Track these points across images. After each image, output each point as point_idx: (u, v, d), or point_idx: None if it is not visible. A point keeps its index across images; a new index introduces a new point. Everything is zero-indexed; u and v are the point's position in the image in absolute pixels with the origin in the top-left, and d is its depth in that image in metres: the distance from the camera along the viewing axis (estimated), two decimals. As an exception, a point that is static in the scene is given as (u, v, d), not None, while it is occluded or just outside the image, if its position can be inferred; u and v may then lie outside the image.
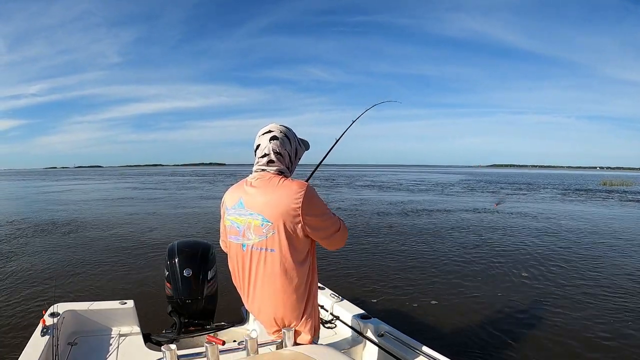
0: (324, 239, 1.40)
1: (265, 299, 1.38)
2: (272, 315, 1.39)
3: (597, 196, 19.65)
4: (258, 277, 1.37)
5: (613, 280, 5.17)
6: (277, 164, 1.39)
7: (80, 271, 5.47)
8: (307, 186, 1.32)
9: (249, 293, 1.43)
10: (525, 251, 6.81)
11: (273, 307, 1.38)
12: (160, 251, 6.34)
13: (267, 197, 1.32)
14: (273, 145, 1.39)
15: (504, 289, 4.82)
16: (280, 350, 1.36)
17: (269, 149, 1.39)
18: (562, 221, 10.48)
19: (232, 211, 1.41)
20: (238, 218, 1.38)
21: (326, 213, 1.38)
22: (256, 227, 1.33)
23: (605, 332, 3.59)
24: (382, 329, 1.99)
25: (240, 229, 1.38)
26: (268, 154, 1.39)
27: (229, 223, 1.42)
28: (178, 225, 9.64)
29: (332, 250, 1.48)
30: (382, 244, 7.33)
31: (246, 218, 1.36)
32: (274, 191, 1.32)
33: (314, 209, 1.33)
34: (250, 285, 1.41)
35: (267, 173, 1.39)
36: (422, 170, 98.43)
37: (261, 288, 1.38)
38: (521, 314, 4.04)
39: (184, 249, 2.43)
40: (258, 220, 1.32)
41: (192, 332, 2.27)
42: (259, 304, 1.41)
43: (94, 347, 1.90)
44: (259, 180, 1.37)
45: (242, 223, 1.37)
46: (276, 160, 1.39)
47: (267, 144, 1.39)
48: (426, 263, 6.00)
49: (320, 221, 1.36)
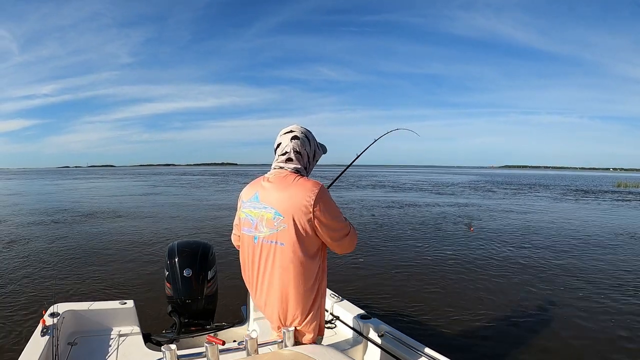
0: (333, 240, 1.42)
1: (272, 292, 1.41)
2: (277, 309, 1.41)
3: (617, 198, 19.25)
4: (267, 269, 1.40)
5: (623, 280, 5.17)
6: (295, 163, 1.44)
7: (80, 271, 5.48)
8: (321, 186, 1.37)
9: (256, 286, 1.46)
10: (528, 252, 6.81)
11: (279, 301, 1.40)
12: (160, 251, 6.34)
13: (282, 192, 1.37)
14: (294, 144, 1.45)
15: (504, 289, 4.82)
16: (280, 350, 1.36)
17: (289, 148, 1.45)
18: (575, 223, 10.48)
19: (247, 204, 1.46)
20: (252, 211, 1.43)
21: (337, 216, 1.41)
22: (268, 220, 1.37)
23: (605, 334, 3.59)
24: (382, 329, 1.98)
25: (254, 222, 1.42)
26: (288, 152, 1.44)
27: (244, 215, 1.47)
28: (179, 226, 9.64)
29: (341, 254, 1.50)
30: (382, 244, 7.33)
31: (260, 211, 1.40)
32: (289, 187, 1.37)
33: (326, 208, 1.36)
34: (259, 278, 1.44)
35: (284, 171, 1.44)
36: (432, 171, 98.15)
37: (269, 281, 1.41)
38: (521, 315, 4.03)
39: (184, 249, 2.43)
40: (271, 214, 1.37)
41: (192, 332, 2.27)
42: (265, 298, 1.44)
43: (94, 347, 1.90)
44: (276, 177, 1.42)
45: (255, 216, 1.42)
46: (295, 158, 1.44)
47: (288, 142, 1.45)
48: (426, 263, 6.00)
49: (331, 222, 1.38)
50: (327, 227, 1.37)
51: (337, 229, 1.41)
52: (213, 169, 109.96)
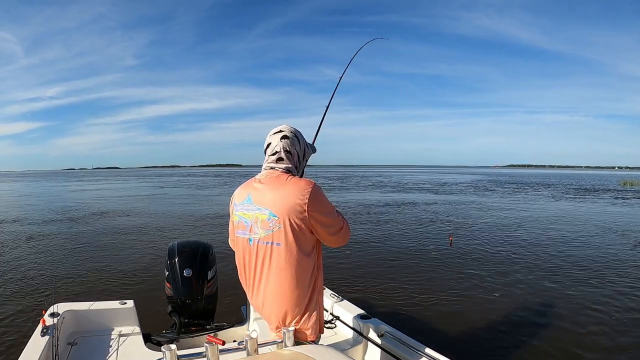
0: (328, 235, 1.43)
1: (270, 293, 1.41)
2: (275, 310, 1.41)
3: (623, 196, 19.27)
4: (264, 271, 1.40)
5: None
6: (286, 162, 1.44)
7: (80, 271, 5.48)
8: (314, 184, 1.37)
9: (253, 287, 1.46)
10: (529, 253, 6.81)
11: (277, 301, 1.40)
12: (160, 251, 6.34)
13: (275, 193, 1.37)
14: (284, 143, 1.45)
15: (505, 289, 4.81)
16: (280, 350, 1.36)
17: (279, 147, 1.44)
18: (580, 220, 10.49)
19: (240, 207, 1.45)
20: (246, 213, 1.42)
21: (331, 212, 1.41)
22: (263, 222, 1.37)
23: (603, 337, 3.59)
24: (382, 329, 1.98)
25: (248, 224, 1.41)
26: (278, 152, 1.44)
27: (237, 218, 1.46)
28: (179, 226, 9.65)
29: (334, 247, 1.51)
30: (382, 244, 7.33)
31: (254, 213, 1.40)
32: (282, 187, 1.37)
33: (320, 206, 1.37)
34: (256, 279, 1.44)
35: (275, 171, 1.43)
36: (436, 170, 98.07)
37: (266, 282, 1.41)
38: (522, 315, 4.03)
39: (184, 249, 2.43)
40: (265, 215, 1.36)
41: (192, 332, 2.27)
42: (262, 299, 1.44)
43: (94, 347, 1.90)
44: (268, 178, 1.42)
45: (249, 218, 1.41)
46: (285, 158, 1.44)
47: (277, 142, 1.45)
48: (426, 263, 5.99)
49: (325, 218, 1.39)
50: (322, 224, 1.38)
51: (331, 225, 1.41)
52: (217, 170, 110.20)
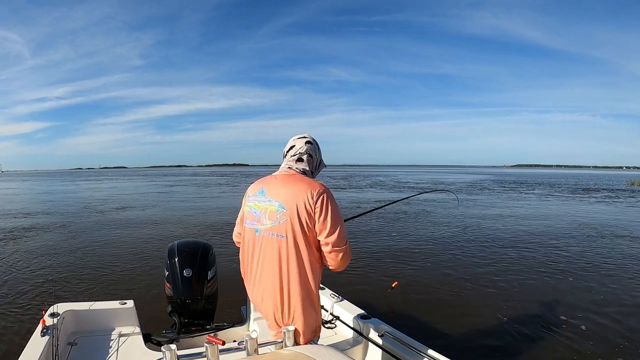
0: (329, 245, 1.40)
1: (268, 286, 1.42)
2: (273, 305, 1.42)
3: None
4: (265, 262, 1.43)
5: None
6: (304, 164, 1.53)
7: (80, 271, 5.47)
8: (326, 187, 1.43)
9: (254, 280, 1.48)
10: (529, 252, 6.81)
11: (275, 296, 1.41)
12: (160, 251, 6.34)
13: (288, 188, 1.42)
14: (307, 147, 1.55)
15: (505, 289, 4.81)
16: (280, 350, 1.36)
17: (303, 150, 1.54)
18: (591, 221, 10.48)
19: (252, 198, 1.51)
20: (257, 204, 1.48)
21: (339, 221, 1.42)
22: (271, 213, 1.42)
23: (607, 336, 3.59)
24: (383, 329, 1.98)
25: (257, 215, 1.46)
26: (301, 154, 1.53)
27: (248, 209, 1.53)
28: (180, 226, 9.64)
29: (334, 269, 1.48)
30: (382, 244, 7.32)
31: (264, 204, 1.45)
32: (295, 183, 1.43)
33: (329, 209, 1.39)
34: (257, 270, 1.46)
35: (292, 170, 1.51)
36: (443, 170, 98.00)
37: (265, 274, 1.43)
38: (522, 315, 4.03)
39: (184, 249, 2.43)
40: (274, 206, 1.42)
41: (192, 332, 2.27)
42: (262, 292, 1.45)
43: (94, 347, 1.90)
44: (283, 175, 1.49)
45: (259, 209, 1.46)
46: (306, 160, 1.53)
47: (302, 145, 1.55)
48: (426, 263, 5.99)
49: (331, 224, 1.39)
50: (327, 228, 1.38)
51: (335, 233, 1.40)
52: (224, 170, 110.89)
